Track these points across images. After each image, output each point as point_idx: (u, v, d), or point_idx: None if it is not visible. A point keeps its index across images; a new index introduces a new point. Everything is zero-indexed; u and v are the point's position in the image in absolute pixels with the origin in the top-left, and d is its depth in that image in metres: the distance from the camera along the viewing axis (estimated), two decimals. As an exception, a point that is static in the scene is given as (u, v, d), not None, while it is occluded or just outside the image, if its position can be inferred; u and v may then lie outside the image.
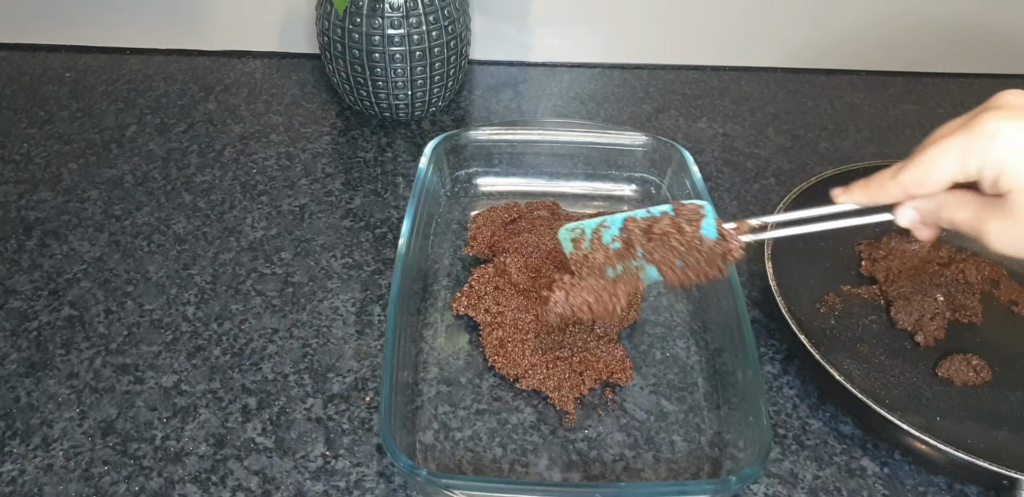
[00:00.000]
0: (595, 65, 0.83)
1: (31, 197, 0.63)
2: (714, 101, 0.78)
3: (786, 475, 0.47)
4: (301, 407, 0.49)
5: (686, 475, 0.46)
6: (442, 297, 0.56)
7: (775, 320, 0.56)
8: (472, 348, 0.52)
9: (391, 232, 0.61)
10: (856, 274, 0.59)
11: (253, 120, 0.72)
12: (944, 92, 0.82)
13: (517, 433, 0.48)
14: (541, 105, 0.76)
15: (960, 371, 0.51)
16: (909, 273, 0.57)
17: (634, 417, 0.49)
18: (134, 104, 0.74)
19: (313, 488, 0.45)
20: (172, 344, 0.52)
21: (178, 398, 0.49)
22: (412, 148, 0.70)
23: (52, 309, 0.54)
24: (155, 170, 0.66)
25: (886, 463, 0.48)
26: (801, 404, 0.51)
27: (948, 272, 0.57)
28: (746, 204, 0.66)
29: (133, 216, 0.62)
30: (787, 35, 0.81)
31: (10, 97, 0.73)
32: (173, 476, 0.45)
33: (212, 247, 0.59)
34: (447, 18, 0.65)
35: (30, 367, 0.50)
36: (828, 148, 0.73)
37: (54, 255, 0.58)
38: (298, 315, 0.54)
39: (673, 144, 0.61)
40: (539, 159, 0.64)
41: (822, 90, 0.81)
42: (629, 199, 0.64)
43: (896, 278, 0.57)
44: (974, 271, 0.58)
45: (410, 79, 0.66)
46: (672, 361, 0.52)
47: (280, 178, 0.66)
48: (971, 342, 0.54)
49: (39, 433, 0.47)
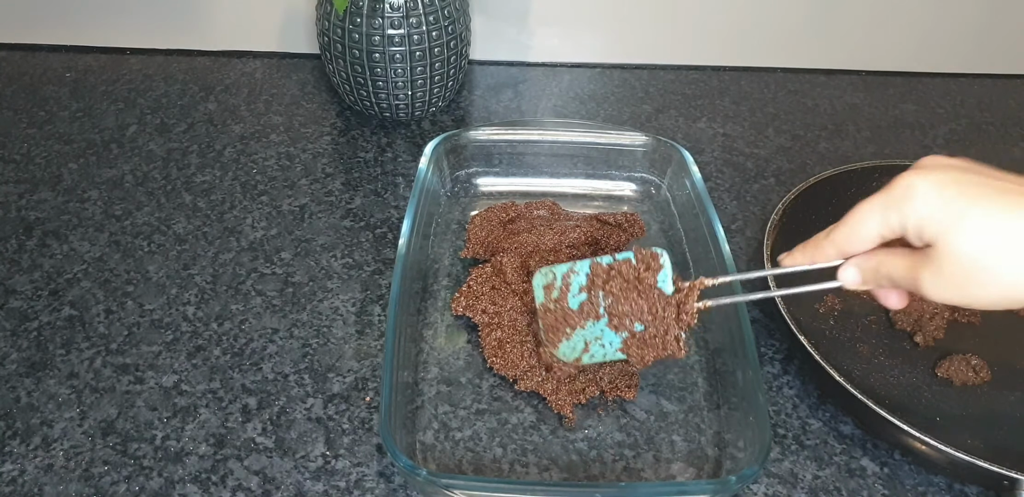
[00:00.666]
0: (595, 65, 0.83)
1: (31, 197, 0.63)
2: (714, 101, 0.78)
3: (786, 475, 0.47)
4: (301, 407, 0.49)
5: (686, 475, 0.46)
6: (442, 297, 0.56)
7: (775, 320, 0.56)
8: (472, 348, 0.52)
9: (391, 232, 0.61)
10: None
11: (253, 120, 0.72)
12: (944, 92, 0.82)
13: (517, 433, 0.48)
14: (541, 105, 0.76)
15: (960, 371, 0.51)
16: None
17: (634, 417, 0.49)
18: (134, 104, 0.74)
19: (313, 488, 0.45)
20: (172, 344, 0.52)
21: (178, 398, 0.49)
22: (412, 148, 0.70)
23: (52, 309, 0.54)
24: (155, 170, 0.66)
25: (886, 463, 0.48)
26: (801, 404, 0.51)
27: None
28: (746, 204, 0.66)
29: (133, 216, 0.62)
30: (787, 35, 0.81)
31: (10, 97, 0.73)
32: (173, 476, 0.45)
33: (212, 247, 0.59)
34: (447, 18, 0.65)
35: (30, 367, 0.50)
36: (828, 148, 0.73)
37: (54, 255, 0.58)
38: (298, 315, 0.54)
39: (673, 144, 0.61)
40: (539, 159, 0.64)
41: (822, 90, 0.81)
42: (629, 199, 0.65)
43: None
44: None
45: (410, 79, 0.66)
46: (672, 361, 0.52)
47: (280, 178, 0.66)
48: (970, 342, 0.54)
49: (39, 433, 0.47)
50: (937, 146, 0.74)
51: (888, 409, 0.44)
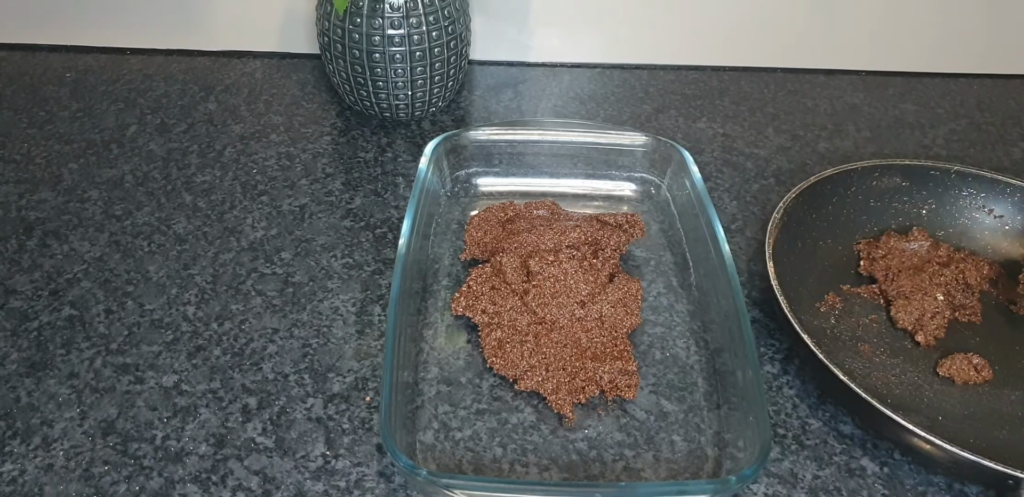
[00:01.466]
0: (595, 65, 0.83)
1: (32, 197, 0.63)
2: (714, 101, 0.78)
3: (786, 475, 0.47)
4: (301, 407, 0.49)
5: (686, 475, 0.46)
6: (442, 297, 0.56)
7: (775, 320, 0.56)
8: (472, 348, 0.52)
9: (391, 232, 0.61)
10: (855, 273, 0.59)
11: (253, 120, 0.72)
12: (944, 92, 0.82)
13: (517, 433, 0.48)
14: (541, 105, 0.76)
15: (961, 370, 0.51)
16: (908, 272, 0.57)
17: (634, 417, 0.49)
18: (134, 104, 0.74)
19: (313, 488, 0.45)
20: (172, 344, 0.52)
21: (178, 398, 0.49)
22: (412, 148, 0.70)
23: (52, 309, 0.54)
24: (155, 170, 0.66)
25: (886, 463, 0.48)
26: (801, 404, 0.51)
27: (947, 271, 0.57)
28: (746, 204, 0.66)
29: (133, 216, 0.62)
30: (787, 35, 0.81)
31: (10, 97, 0.74)
32: (173, 476, 0.45)
33: (212, 247, 0.59)
34: (447, 18, 0.65)
35: (30, 367, 0.50)
36: (828, 148, 0.73)
37: (54, 255, 0.58)
38: (298, 315, 0.54)
39: (673, 144, 0.61)
40: (539, 159, 0.64)
41: (822, 90, 0.81)
42: (629, 199, 0.65)
43: (896, 277, 0.57)
44: (973, 271, 0.58)
45: (410, 79, 0.66)
46: (672, 361, 0.52)
47: (280, 178, 0.66)
48: (971, 341, 0.54)
49: (39, 433, 0.47)
50: (937, 146, 0.74)
51: (891, 408, 0.44)
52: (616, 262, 0.56)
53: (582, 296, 0.52)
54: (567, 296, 0.52)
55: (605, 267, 0.55)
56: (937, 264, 0.58)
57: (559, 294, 0.52)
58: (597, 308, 0.52)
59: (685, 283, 0.58)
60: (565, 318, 0.52)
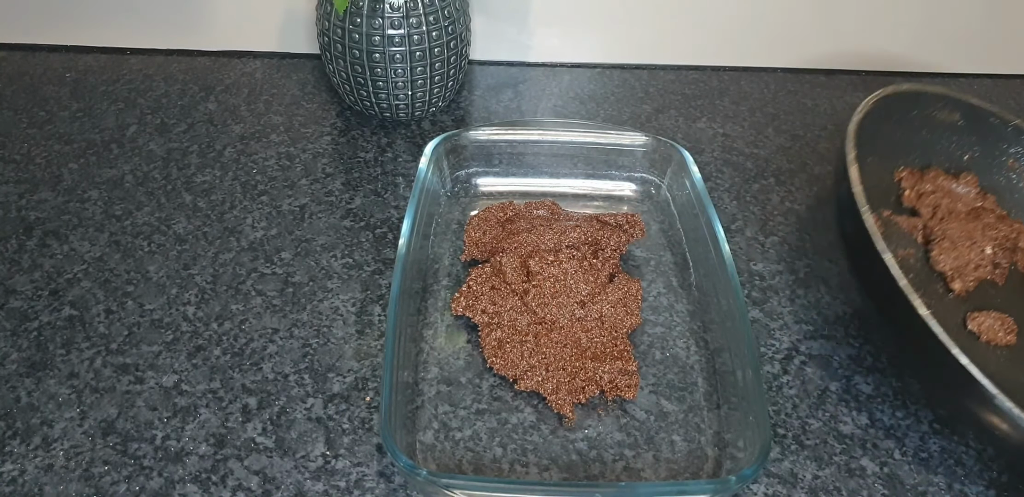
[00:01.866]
0: (595, 65, 0.83)
1: (31, 197, 0.63)
2: (714, 101, 0.78)
3: (786, 475, 0.47)
4: (301, 407, 0.49)
5: (686, 475, 0.46)
6: (442, 297, 0.56)
7: (776, 320, 0.56)
8: (472, 348, 0.52)
9: (391, 232, 0.61)
10: (895, 201, 0.55)
11: (253, 120, 0.72)
12: (944, 92, 0.82)
13: (517, 433, 0.48)
14: (541, 105, 0.76)
15: (991, 329, 0.49)
16: (959, 217, 0.54)
17: (634, 417, 0.49)
18: (134, 104, 0.74)
19: (313, 488, 0.45)
20: (172, 344, 0.52)
21: (178, 398, 0.49)
22: (412, 148, 0.70)
23: (52, 309, 0.54)
24: (155, 170, 0.66)
25: (886, 463, 0.48)
26: (801, 404, 0.51)
27: (1004, 227, 0.54)
28: (746, 204, 0.66)
29: (133, 216, 0.62)
30: (787, 35, 0.81)
31: (10, 97, 0.73)
32: (173, 476, 0.45)
33: (212, 247, 0.59)
34: (447, 18, 0.65)
35: (30, 367, 0.50)
36: (828, 148, 0.73)
37: (54, 255, 0.58)
38: (298, 315, 0.54)
39: (673, 144, 0.61)
40: (539, 159, 0.64)
41: (822, 90, 0.81)
42: (629, 199, 0.65)
43: (945, 217, 0.54)
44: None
45: (410, 79, 0.66)
46: (672, 361, 0.52)
47: (280, 178, 0.66)
48: (995, 300, 0.51)
49: (39, 433, 0.47)
50: (937, 146, 0.74)
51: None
52: (616, 262, 0.56)
53: (582, 296, 0.52)
54: (567, 296, 0.52)
55: (605, 267, 0.55)
56: (995, 217, 0.55)
57: (559, 294, 0.52)
58: (597, 308, 0.52)
59: (685, 283, 0.58)
60: (565, 318, 0.52)
